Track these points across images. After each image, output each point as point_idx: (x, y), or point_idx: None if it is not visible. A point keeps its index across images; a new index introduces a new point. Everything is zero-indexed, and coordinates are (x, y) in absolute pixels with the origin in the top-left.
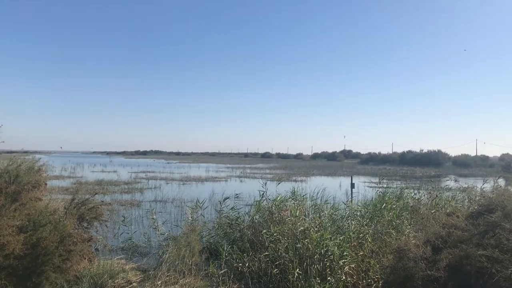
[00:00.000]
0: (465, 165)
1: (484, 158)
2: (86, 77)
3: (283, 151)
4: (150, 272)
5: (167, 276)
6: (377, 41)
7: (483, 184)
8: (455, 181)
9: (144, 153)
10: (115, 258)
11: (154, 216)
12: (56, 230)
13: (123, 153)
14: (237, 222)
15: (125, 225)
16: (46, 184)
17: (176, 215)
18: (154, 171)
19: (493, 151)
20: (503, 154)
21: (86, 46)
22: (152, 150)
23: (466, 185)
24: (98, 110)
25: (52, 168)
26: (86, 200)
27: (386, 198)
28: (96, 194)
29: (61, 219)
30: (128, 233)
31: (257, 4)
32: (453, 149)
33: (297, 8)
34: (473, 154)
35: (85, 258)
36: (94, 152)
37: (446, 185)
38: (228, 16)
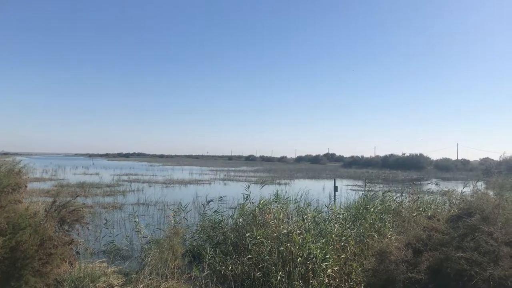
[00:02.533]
0: (446, 168)
1: (465, 162)
2: (69, 80)
3: (267, 154)
4: (132, 276)
5: (150, 279)
6: (363, 49)
7: (463, 188)
8: (436, 184)
9: (127, 156)
10: (96, 262)
11: (137, 219)
12: (36, 233)
13: (106, 156)
14: (220, 225)
15: (107, 228)
16: (26, 187)
17: (159, 218)
18: (137, 173)
19: (474, 155)
20: (483, 158)
21: (70, 49)
22: (135, 153)
23: (446, 189)
24: (81, 113)
25: (33, 170)
26: (68, 202)
27: (369, 202)
28: (77, 196)
29: (41, 222)
30: (110, 236)
31: (248, 11)
32: (435, 153)
33: (283, 19)
34: (454, 158)
35: (66, 262)
36: (76, 154)
37: (428, 189)
38: (220, 20)
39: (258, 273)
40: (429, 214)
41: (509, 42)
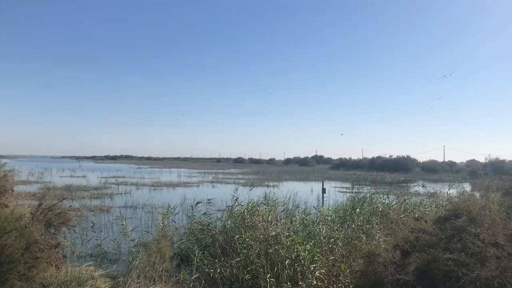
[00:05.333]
0: (433, 170)
1: (451, 164)
2: (55, 82)
3: (256, 156)
4: (119, 279)
5: (137, 283)
6: (351, 55)
7: (449, 190)
8: (423, 186)
9: (114, 158)
10: (83, 265)
11: (124, 222)
12: (22, 237)
13: (93, 158)
14: (209, 227)
15: (94, 231)
16: (12, 190)
17: (146, 221)
18: (124, 176)
19: (460, 157)
20: (469, 160)
21: (58, 51)
22: (122, 155)
23: (433, 191)
24: (67, 115)
25: (19, 173)
26: (54, 205)
27: (357, 204)
28: (64, 199)
29: (27, 225)
30: (97, 239)
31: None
32: (421, 155)
33: (271, 27)
34: (440, 160)
35: (52, 265)
36: (63, 157)
37: (415, 191)
38: (213, 25)
39: (247, 275)
40: (416, 215)
41: (499, 46)
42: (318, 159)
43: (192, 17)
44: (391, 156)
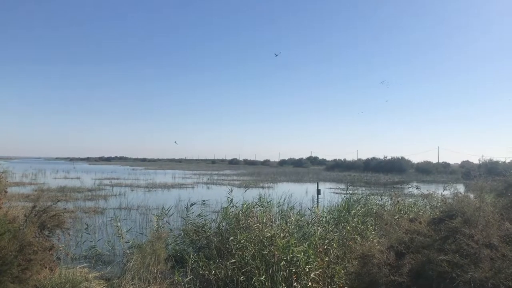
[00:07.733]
0: (427, 171)
1: (445, 165)
2: (49, 83)
3: (251, 157)
4: (114, 281)
5: (132, 284)
6: (345, 56)
7: (443, 191)
8: (417, 188)
9: (108, 159)
10: (77, 267)
11: (119, 224)
12: (15, 239)
13: (87, 159)
14: (203, 229)
15: (89, 233)
16: (5, 192)
17: (141, 223)
18: (118, 177)
19: (454, 158)
20: (463, 161)
21: (53, 52)
22: (116, 156)
23: (428, 192)
24: (62, 116)
25: (12, 174)
26: (48, 207)
27: (352, 205)
28: (58, 201)
29: (21, 227)
30: (91, 241)
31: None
32: (416, 156)
33: (267, 27)
34: (435, 161)
35: (46, 267)
36: (57, 158)
37: (409, 192)
38: (211, 25)
39: (242, 277)
40: (411, 216)
41: (493, 46)
42: (313, 160)
43: (189, 17)
44: (386, 157)
